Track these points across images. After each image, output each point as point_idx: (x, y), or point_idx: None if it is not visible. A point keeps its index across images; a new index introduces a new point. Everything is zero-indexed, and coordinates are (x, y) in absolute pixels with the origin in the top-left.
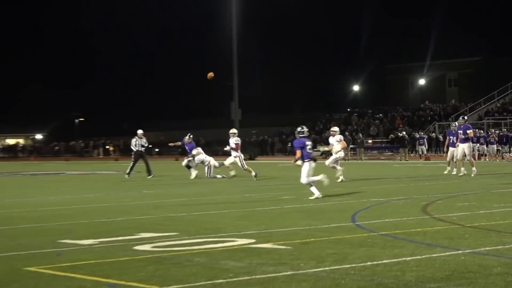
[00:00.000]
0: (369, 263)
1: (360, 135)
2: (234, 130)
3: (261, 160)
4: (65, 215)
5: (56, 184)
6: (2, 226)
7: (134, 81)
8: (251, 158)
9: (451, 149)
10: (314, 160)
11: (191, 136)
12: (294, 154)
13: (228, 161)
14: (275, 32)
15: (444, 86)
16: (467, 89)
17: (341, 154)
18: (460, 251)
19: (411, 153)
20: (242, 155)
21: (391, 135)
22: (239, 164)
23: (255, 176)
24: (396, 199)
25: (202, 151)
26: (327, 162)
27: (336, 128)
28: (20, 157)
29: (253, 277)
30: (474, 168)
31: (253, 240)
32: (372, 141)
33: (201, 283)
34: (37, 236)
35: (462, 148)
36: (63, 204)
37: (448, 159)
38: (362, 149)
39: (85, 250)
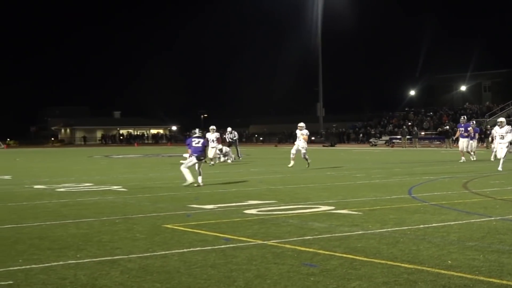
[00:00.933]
0: (421, 226)
1: (415, 128)
2: (213, 127)
3: (339, 147)
4: (193, 186)
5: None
6: (146, 194)
7: (244, 86)
8: (331, 145)
9: (461, 140)
10: (199, 158)
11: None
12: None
13: (211, 153)
14: (351, 48)
15: (480, 91)
16: (498, 94)
17: (305, 146)
18: (492, 218)
19: (454, 143)
20: (219, 148)
21: (439, 128)
22: (213, 153)
23: (212, 164)
24: (442, 177)
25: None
26: (293, 151)
27: (302, 124)
28: (160, 143)
29: (333, 235)
30: (463, 158)
31: (333, 207)
32: (425, 133)
33: (293, 238)
34: (172, 201)
35: (462, 141)
36: None
37: (460, 149)
38: (417, 139)
39: (208, 213)
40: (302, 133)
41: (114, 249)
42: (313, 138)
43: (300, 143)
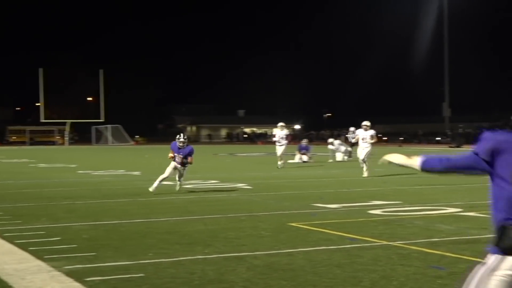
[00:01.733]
0: None
1: None
2: (282, 123)
3: (465, 148)
4: (317, 185)
5: (310, 163)
6: (271, 192)
7: (369, 85)
8: (457, 146)
9: None
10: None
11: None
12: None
13: (279, 151)
14: (479, 46)
15: None
16: None
17: (370, 148)
18: None
19: None
20: (286, 145)
21: None
22: (281, 151)
23: (279, 166)
24: None
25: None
26: (361, 156)
27: (368, 123)
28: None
29: (461, 237)
30: None
31: (460, 209)
32: None
33: (420, 240)
34: (296, 200)
35: None
36: (315, 177)
37: None
38: None
39: (332, 212)
40: (369, 134)
41: (240, 246)
42: (438, 138)
43: (365, 144)
